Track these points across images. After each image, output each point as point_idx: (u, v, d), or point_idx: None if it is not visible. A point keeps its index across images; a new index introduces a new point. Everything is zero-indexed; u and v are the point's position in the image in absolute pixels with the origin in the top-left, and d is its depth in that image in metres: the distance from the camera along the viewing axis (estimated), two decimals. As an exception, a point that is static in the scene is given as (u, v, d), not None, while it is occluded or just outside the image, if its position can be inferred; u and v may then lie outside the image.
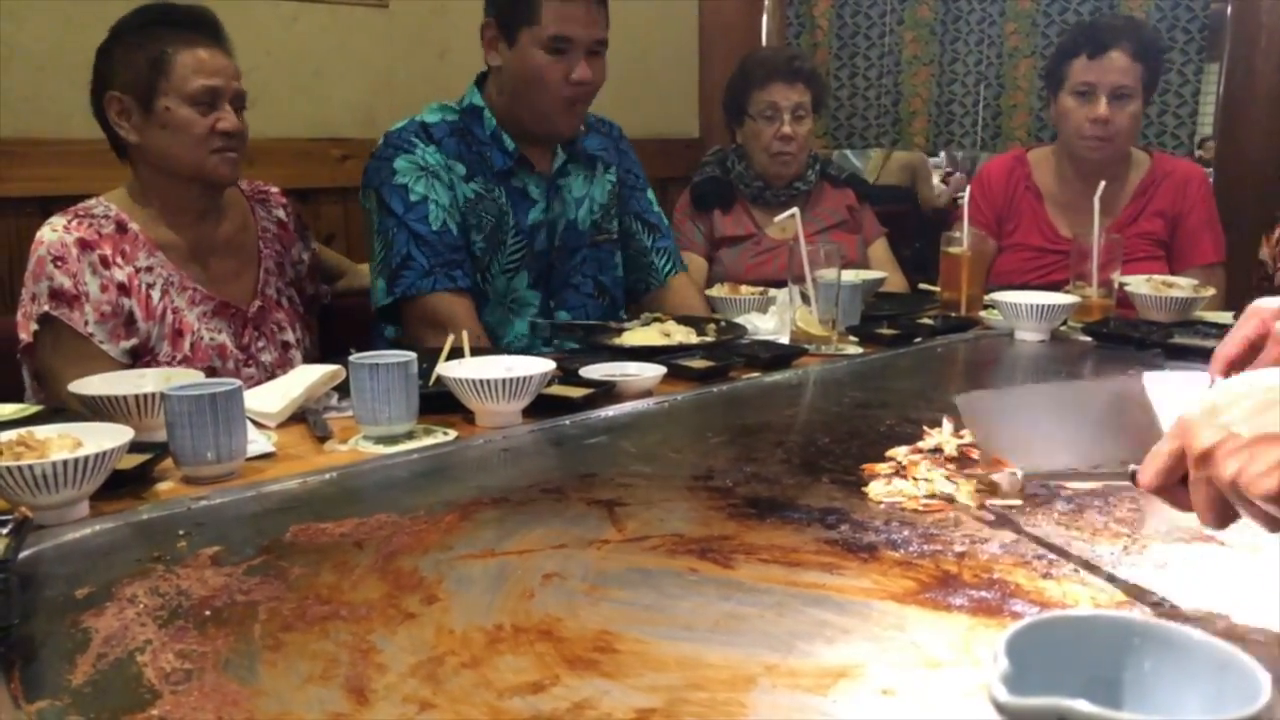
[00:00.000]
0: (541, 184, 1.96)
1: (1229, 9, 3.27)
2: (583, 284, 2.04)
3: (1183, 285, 2.05)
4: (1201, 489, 0.70)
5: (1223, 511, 0.71)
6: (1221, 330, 1.80)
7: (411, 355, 1.24)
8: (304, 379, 1.33)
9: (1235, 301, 2.38)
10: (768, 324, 1.88)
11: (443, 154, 1.88)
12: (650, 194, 2.21)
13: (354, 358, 1.23)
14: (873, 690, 0.66)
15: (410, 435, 1.24)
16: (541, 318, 1.96)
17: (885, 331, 1.84)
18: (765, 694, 0.66)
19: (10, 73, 2.12)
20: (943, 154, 5.40)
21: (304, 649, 0.72)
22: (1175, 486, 0.74)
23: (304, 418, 1.30)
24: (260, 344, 1.78)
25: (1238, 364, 0.89)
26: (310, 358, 1.81)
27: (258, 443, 1.20)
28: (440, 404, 1.31)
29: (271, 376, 1.52)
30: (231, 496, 1.04)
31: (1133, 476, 0.79)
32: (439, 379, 1.31)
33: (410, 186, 1.84)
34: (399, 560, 0.88)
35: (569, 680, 0.67)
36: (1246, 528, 0.93)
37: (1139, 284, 2.05)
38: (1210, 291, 2.04)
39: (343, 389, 1.33)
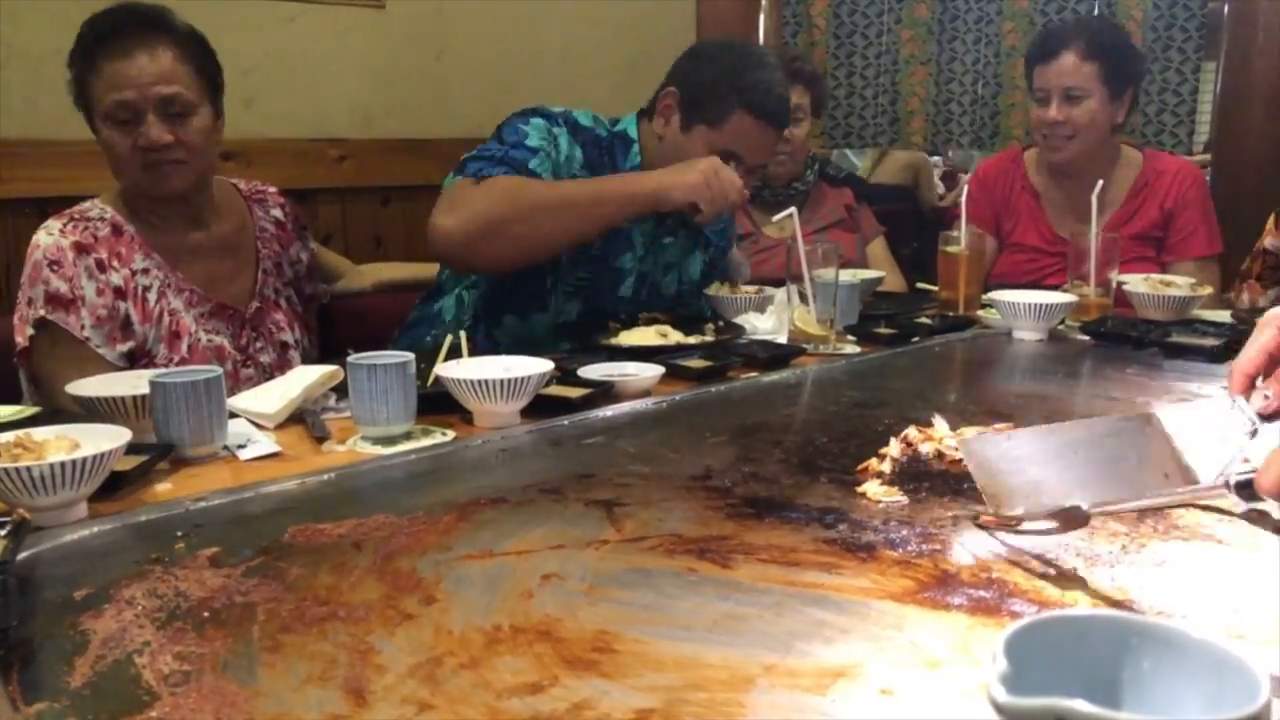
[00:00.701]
0: (647, 235, 1.94)
1: (1226, 8, 3.27)
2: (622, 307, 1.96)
3: (1180, 284, 2.05)
4: None
5: None
6: (1219, 329, 1.80)
7: (409, 356, 1.23)
8: (302, 380, 1.33)
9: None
10: (766, 323, 1.88)
11: (580, 154, 1.83)
12: None
13: (352, 358, 1.23)
14: (871, 690, 0.66)
15: (408, 436, 1.24)
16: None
17: (883, 331, 1.84)
18: (764, 694, 0.66)
19: (10, 73, 2.13)
20: (938, 156, 5.40)
21: (302, 650, 0.72)
22: None
23: (302, 418, 1.29)
24: (258, 345, 1.78)
25: (1258, 376, 0.87)
26: (309, 358, 1.81)
27: (261, 443, 1.20)
28: (438, 404, 1.31)
29: (270, 377, 1.51)
30: (230, 498, 1.04)
31: (1234, 486, 0.77)
32: (437, 379, 1.31)
33: (531, 134, 1.77)
34: (397, 561, 0.88)
35: (568, 681, 0.67)
36: (1241, 526, 0.93)
37: (1137, 283, 2.05)
38: (1208, 290, 2.04)
39: (341, 390, 1.33)
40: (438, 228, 1.69)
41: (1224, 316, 1.98)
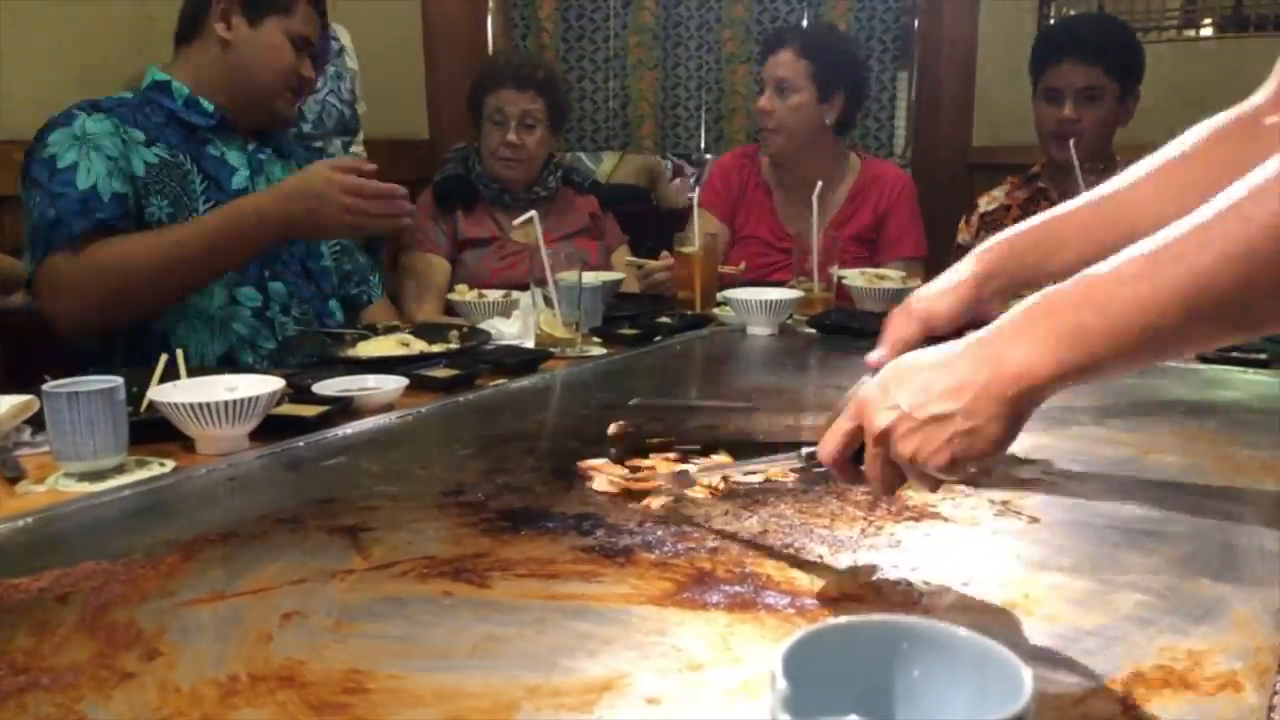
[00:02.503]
0: (244, 153, 1.88)
1: (916, 22, 3.58)
2: (290, 262, 1.92)
3: (893, 277, 2.21)
4: (877, 463, 0.79)
5: (893, 481, 0.80)
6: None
7: (118, 381, 1.11)
8: (-13, 413, 1.17)
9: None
10: (512, 328, 1.86)
11: (113, 121, 1.72)
12: None
13: (48, 386, 1.10)
14: (638, 700, 0.65)
15: (120, 469, 1.11)
16: (255, 287, 1.83)
17: (627, 332, 1.86)
18: (529, 717, 0.63)
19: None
20: (669, 159, 5.58)
21: (-4, 731, 0.63)
22: (848, 461, 0.83)
23: (-11, 458, 1.14)
24: None
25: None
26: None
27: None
28: (154, 432, 1.19)
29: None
30: (-103, 557, 0.89)
31: (809, 457, 0.87)
32: (151, 404, 1.19)
33: (59, 155, 1.67)
34: (112, 613, 0.78)
35: (317, 729, 0.62)
36: (963, 505, 1.01)
37: (854, 277, 2.20)
38: (916, 282, 2.21)
39: (37, 421, 1.18)
40: (54, 318, 1.67)
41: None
